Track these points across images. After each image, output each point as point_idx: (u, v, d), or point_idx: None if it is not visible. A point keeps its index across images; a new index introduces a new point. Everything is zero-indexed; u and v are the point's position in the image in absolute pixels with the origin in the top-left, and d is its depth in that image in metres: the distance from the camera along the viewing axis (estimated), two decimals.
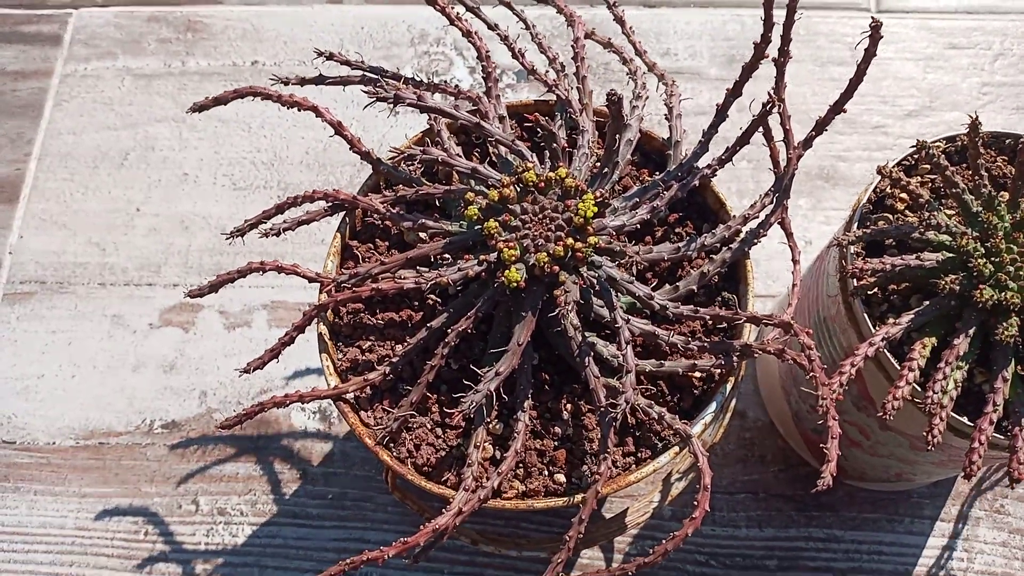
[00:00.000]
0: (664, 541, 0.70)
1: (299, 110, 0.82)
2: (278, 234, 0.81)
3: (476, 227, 0.76)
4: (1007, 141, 0.90)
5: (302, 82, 0.90)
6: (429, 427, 0.78)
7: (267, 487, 1.12)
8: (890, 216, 0.88)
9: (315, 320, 0.79)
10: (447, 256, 0.81)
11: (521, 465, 0.77)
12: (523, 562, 1.06)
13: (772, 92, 0.77)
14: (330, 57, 0.89)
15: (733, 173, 1.31)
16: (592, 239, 0.72)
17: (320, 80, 0.89)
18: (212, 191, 1.31)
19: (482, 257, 0.73)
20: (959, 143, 0.90)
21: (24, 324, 1.23)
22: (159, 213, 1.30)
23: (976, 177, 0.81)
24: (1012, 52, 1.40)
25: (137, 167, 1.33)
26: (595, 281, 0.74)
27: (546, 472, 0.77)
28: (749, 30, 1.42)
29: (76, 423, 1.16)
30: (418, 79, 0.88)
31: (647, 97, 0.87)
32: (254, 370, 0.78)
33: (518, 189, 0.74)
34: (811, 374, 0.67)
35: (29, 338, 1.22)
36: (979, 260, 0.76)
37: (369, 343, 0.81)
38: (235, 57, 1.42)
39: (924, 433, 0.74)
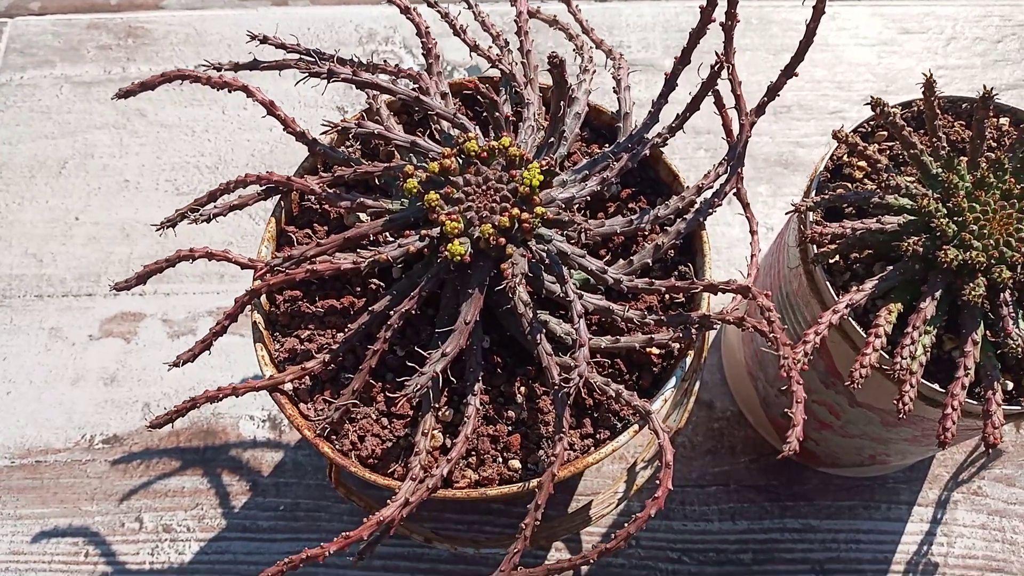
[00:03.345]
0: (626, 524, 0.65)
1: (229, 91, 0.79)
2: (208, 220, 0.77)
3: (417, 203, 0.72)
4: (963, 105, 0.88)
5: (235, 67, 0.85)
6: (374, 417, 0.73)
7: (215, 501, 1.06)
8: (848, 184, 0.85)
9: (249, 308, 0.74)
10: (389, 237, 0.77)
11: (473, 453, 0.72)
12: (487, 568, 1.01)
13: (720, 53, 0.74)
14: (264, 40, 0.85)
15: (690, 162, 1.28)
16: (539, 209, 0.68)
17: (254, 65, 0.85)
18: (154, 197, 1.26)
19: (424, 232, 0.69)
20: (915, 108, 0.88)
21: None
22: (99, 221, 1.24)
23: (934, 139, 0.79)
24: (964, 35, 1.40)
25: (76, 175, 1.28)
26: (544, 255, 0.71)
27: (500, 459, 0.72)
28: None
29: (11, 441, 1.10)
30: (356, 60, 0.84)
31: (594, 71, 0.84)
32: (184, 363, 0.72)
33: (460, 160, 0.71)
34: (772, 335, 0.63)
35: None
36: (942, 220, 0.73)
37: (308, 332, 0.77)
38: (178, 62, 1.38)
39: (895, 401, 0.71)
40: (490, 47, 0.85)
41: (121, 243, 1.23)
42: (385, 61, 0.86)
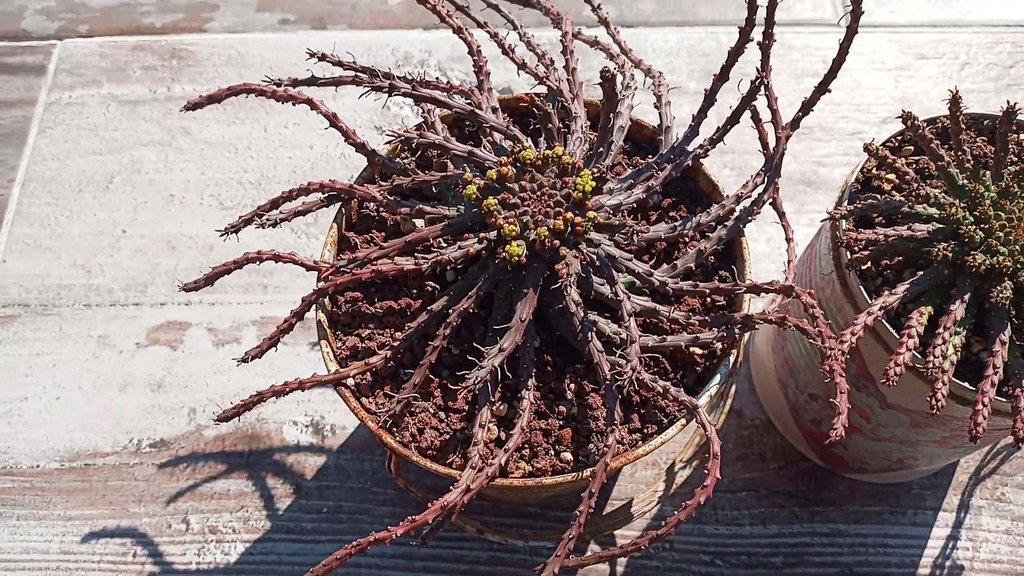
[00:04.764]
0: (676, 512, 0.69)
1: (293, 104, 0.83)
2: (274, 225, 0.81)
3: (474, 209, 0.76)
4: (985, 122, 0.93)
5: (295, 83, 0.90)
6: (432, 411, 0.77)
7: (260, 503, 1.09)
8: (878, 196, 0.89)
9: (314, 307, 0.78)
10: (446, 241, 0.81)
11: (527, 445, 0.76)
12: (525, 569, 1.04)
13: (759, 68, 0.78)
14: (322, 58, 0.90)
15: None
16: (591, 214, 0.72)
17: (312, 81, 0.90)
18: (199, 211, 1.31)
19: (482, 235, 0.73)
20: (940, 125, 0.92)
21: (7, 347, 1.20)
22: (145, 234, 1.29)
23: (959, 152, 0.83)
24: (977, 61, 1.45)
25: (123, 190, 1.33)
26: (595, 257, 0.75)
27: (552, 451, 0.76)
28: (724, 46, 1.46)
29: (61, 445, 1.13)
30: (410, 78, 0.89)
31: (636, 88, 0.89)
32: (252, 359, 0.76)
33: (516, 168, 0.75)
34: (817, 329, 0.67)
35: (12, 361, 1.19)
36: (969, 227, 0.77)
37: (368, 331, 0.80)
38: (220, 82, 1.43)
39: (928, 398, 0.74)
40: (536, 65, 0.89)
41: (167, 255, 1.27)
42: (437, 79, 0.90)
